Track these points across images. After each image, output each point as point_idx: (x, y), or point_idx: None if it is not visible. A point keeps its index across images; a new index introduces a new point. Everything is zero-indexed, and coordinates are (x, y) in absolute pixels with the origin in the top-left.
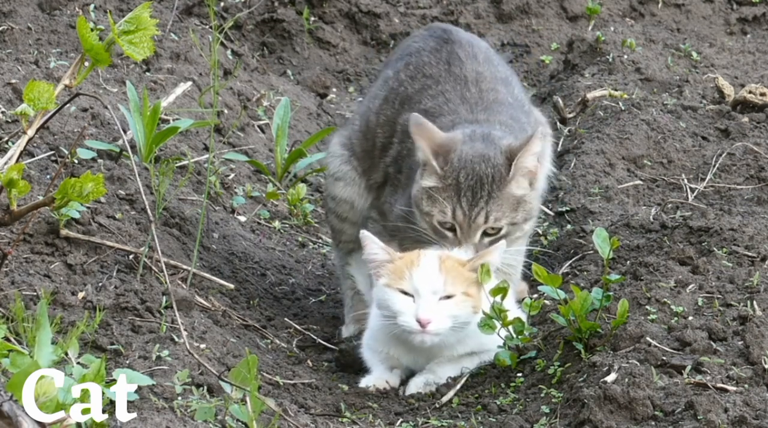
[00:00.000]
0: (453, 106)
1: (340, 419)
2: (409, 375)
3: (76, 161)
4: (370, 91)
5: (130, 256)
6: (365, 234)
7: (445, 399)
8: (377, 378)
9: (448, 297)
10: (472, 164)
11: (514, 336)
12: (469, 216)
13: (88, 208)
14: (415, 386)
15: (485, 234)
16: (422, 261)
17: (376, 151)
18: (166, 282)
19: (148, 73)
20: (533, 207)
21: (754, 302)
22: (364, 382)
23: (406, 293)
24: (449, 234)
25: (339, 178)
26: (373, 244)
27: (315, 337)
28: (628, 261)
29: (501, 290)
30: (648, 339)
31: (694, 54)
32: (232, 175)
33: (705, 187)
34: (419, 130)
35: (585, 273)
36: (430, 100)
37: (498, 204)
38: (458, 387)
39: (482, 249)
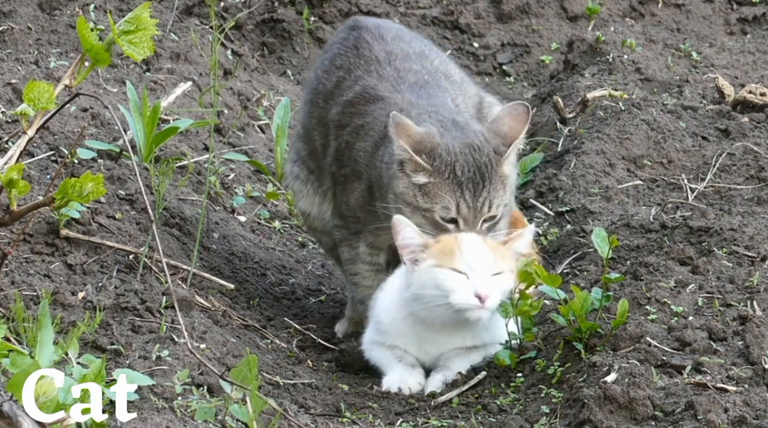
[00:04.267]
0: (372, 91)
1: (340, 419)
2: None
3: (76, 161)
4: (301, 99)
5: (130, 256)
6: (399, 219)
7: (444, 398)
8: (403, 379)
9: (497, 273)
10: (463, 156)
11: (519, 333)
12: (474, 208)
13: (88, 208)
14: (435, 384)
15: (483, 220)
16: (469, 241)
17: (318, 154)
18: (167, 283)
19: (148, 73)
20: (511, 182)
21: (754, 302)
22: (390, 384)
23: (458, 272)
24: (450, 226)
25: (294, 193)
26: (407, 229)
27: (315, 337)
28: (628, 261)
29: (528, 276)
30: (648, 339)
31: (694, 54)
32: (232, 175)
33: (705, 187)
34: (399, 130)
35: (585, 273)
36: (349, 90)
37: (496, 189)
38: (464, 388)
39: (482, 236)
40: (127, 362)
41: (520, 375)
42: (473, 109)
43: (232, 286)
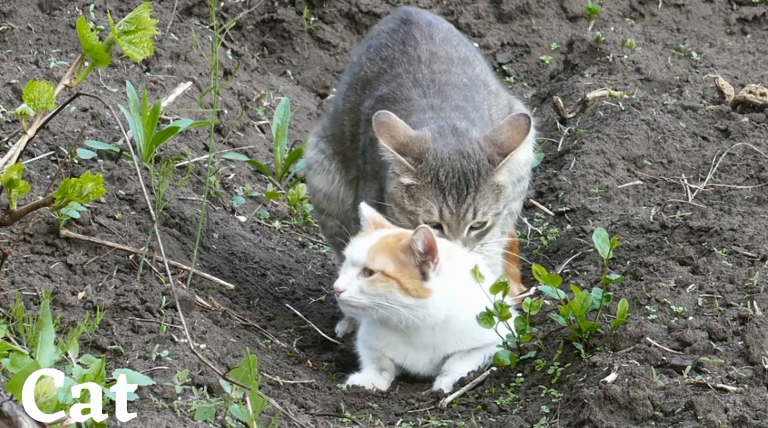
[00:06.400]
0: (406, 91)
1: (340, 419)
2: (400, 375)
3: (76, 161)
4: (341, 78)
5: (130, 256)
6: (362, 206)
7: (450, 398)
8: (364, 378)
9: (371, 273)
10: (450, 161)
11: (515, 333)
12: (457, 214)
13: (88, 208)
14: (446, 385)
15: (471, 228)
16: (370, 235)
17: (346, 140)
18: (169, 283)
19: (148, 73)
20: (509, 192)
21: (754, 302)
22: (352, 379)
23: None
24: (436, 231)
25: (310, 167)
26: (363, 218)
27: (316, 328)
28: (628, 261)
29: (502, 285)
30: (648, 339)
31: (694, 54)
32: (232, 175)
33: (705, 187)
34: (381, 129)
35: (585, 273)
36: (385, 85)
37: (484, 197)
38: (469, 386)
39: (470, 243)
40: (127, 362)
41: (520, 375)
42: (502, 119)
43: (232, 286)
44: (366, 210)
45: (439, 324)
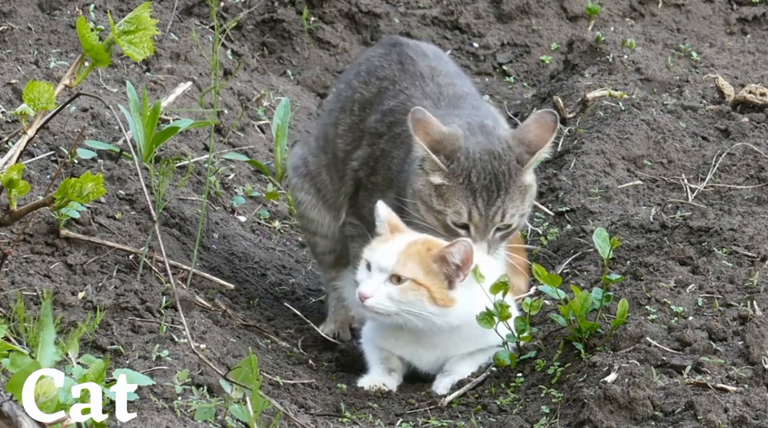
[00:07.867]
0: (417, 101)
1: (340, 419)
2: (408, 374)
3: (76, 161)
4: (322, 111)
5: (130, 256)
6: (379, 204)
7: (450, 398)
8: (374, 379)
9: (399, 280)
10: (482, 162)
11: (515, 334)
12: (486, 216)
13: (88, 208)
14: (444, 387)
15: (497, 229)
16: (393, 240)
17: (338, 162)
18: (169, 283)
19: (148, 73)
20: (534, 191)
21: (754, 302)
22: (361, 382)
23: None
24: (461, 231)
25: (300, 202)
26: (378, 217)
27: (317, 328)
28: (628, 261)
29: (501, 285)
30: (648, 339)
31: (694, 54)
32: (232, 175)
33: (705, 187)
34: (417, 126)
35: (585, 273)
36: (391, 99)
37: (512, 199)
38: (469, 386)
39: (494, 244)
40: (127, 362)
41: (520, 375)
42: None
43: (232, 286)
44: (383, 210)
45: (453, 328)
